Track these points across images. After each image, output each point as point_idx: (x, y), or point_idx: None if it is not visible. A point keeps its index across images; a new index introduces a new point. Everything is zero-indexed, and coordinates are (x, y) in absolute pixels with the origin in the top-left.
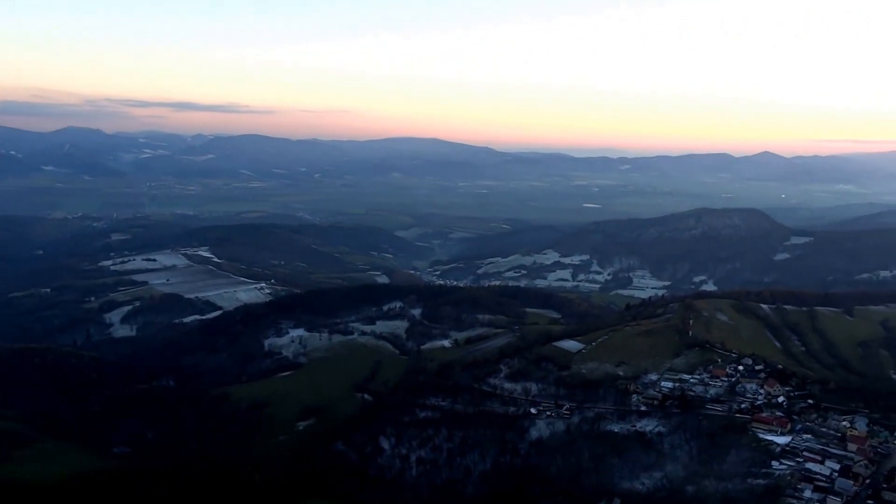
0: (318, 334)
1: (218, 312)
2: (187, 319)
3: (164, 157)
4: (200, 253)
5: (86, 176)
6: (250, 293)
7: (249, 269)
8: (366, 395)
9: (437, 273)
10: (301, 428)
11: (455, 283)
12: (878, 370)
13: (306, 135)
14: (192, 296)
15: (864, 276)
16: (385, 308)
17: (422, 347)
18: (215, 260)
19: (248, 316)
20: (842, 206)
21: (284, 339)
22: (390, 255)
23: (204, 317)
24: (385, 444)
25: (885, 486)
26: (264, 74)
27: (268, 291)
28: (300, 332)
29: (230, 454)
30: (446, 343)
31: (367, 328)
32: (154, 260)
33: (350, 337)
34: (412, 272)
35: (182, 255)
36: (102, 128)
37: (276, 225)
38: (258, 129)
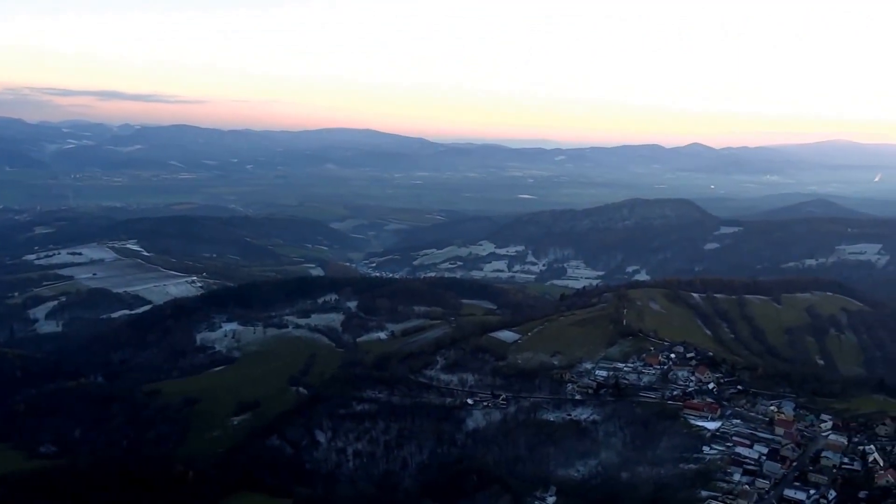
0: (251, 328)
1: (147, 307)
2: (115, 315)
3: (89, 147)
4: (128, 246)
5: (6, 167)
6: (181, 287)
7: (180, 263)
8: (301, 389)
9: (373, 265)
10: (235, 423)
11: (391, 274)
12: (804, 356)
13: (238, 125)
14: (120, 290)
15: (791, 264)
16: (320, 301)
17: (358, 340)
18: (144, 253)
19: (180, 310)
20: (769, 196)
21: (217, 334)
22: (325, 248)
23: (133, 312)
24: (321, 438)
25: (811, 468)
26: (194, 64)
27: (199, 285)
28: (233, 326)
29: (162, 451)
30: (382, 335)
31: (302, 321)
32: (80, 254)
33: (285, 330)
34: (347, 264)
35: (109, 248)
36: (24, 117)
37: (207, 217)
38: (188, 120)
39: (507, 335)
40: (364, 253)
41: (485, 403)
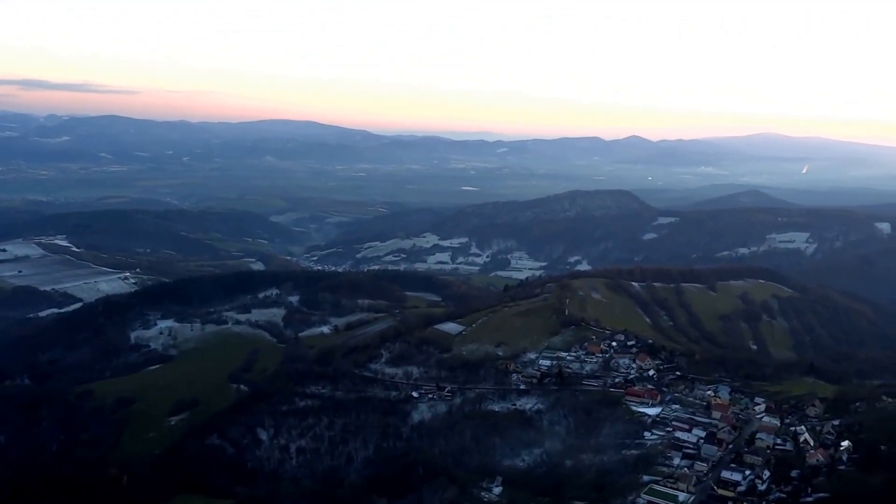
0: (189, 325)
1: (78, 305)
2: (43, 313)
3: (13, 138)
4: (57, 242)
5: None
6: (113, 284)
7: (112, 258)
8: (242, 386)
9: (315, 258)
10: (173, 423)
11: (334, 268)
12: (738, 341)
13: (173, 116)
14: (47, 288)
15: (725, 253)
16: (261, 296)
17: (300, 335)
18: (73, 249)
19: (112, 308)
20: (704, 187)
21: (153, 332)
22: (265, 241)
23: (62, 310)
24: (263, 436)
25: (746, 449)
26: (125, 53)
27: (133, 281)
28: (170, 323)
29: (95, 455)
30: (326, 329)
31: (242, 317)
32: (4, 250)
33: (224, 326)
34: (289, 258)
35: (36, 244)
36: None
37: (141, 211)
38: (119, 110)
39: (451, 327)
40: (306, 246)
41: (430, 396)
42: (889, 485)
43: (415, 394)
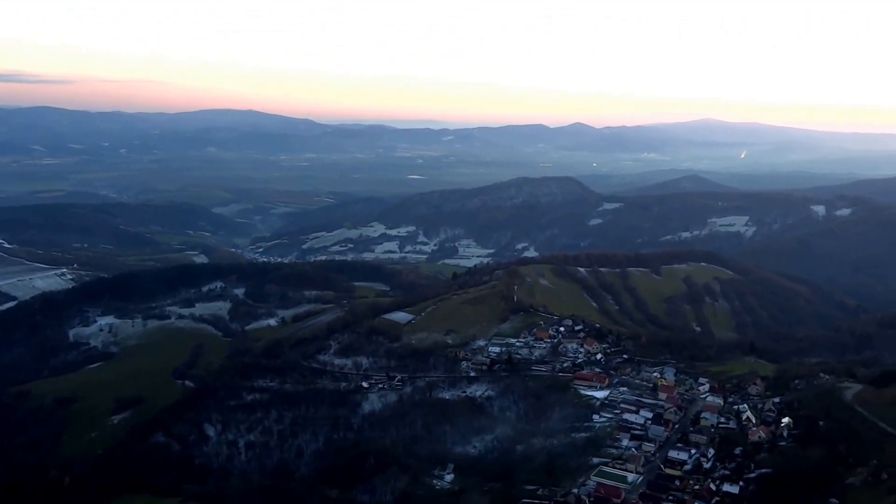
0: (130, 321)
1: (12, 303)
2: None
3: None
4: None
5: None
6: (49, 280)
7: (47, 254)
8: (187, 382)
9: (260, 250)
10: (116, 422)
11: (279, 259)
12: (682, 323)
13: (108, 106)
14: None
15: (668, 237)
16: (204, 289)
17: (246, 328)
18: (6, 245)
19: (49, 305)
20: (647, 172)
21: (92, 329)
22: (208, 234)
23: None
24: (210, 431)
25: (691, 429)
26: (57, 42)
27: (70, 277)
28: (110, 319)
29: (34, 457)
30: (273, 322)
31: (186, 311)
32: None
33: (167, 321)
34: (233, 250)
35: None
36: None
37: (77, 205)
38: (52, 101)
39: (400, 316)
40: (250, 238)
41: (380, 386)
42: (827, 458)
43: (365, 384)
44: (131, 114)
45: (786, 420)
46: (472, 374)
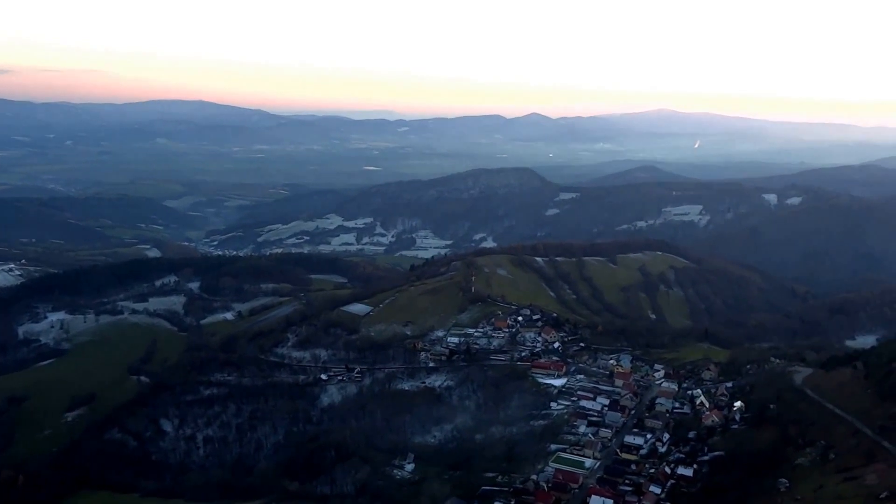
0: (82, 317)
1: None
2: None
3: None
4: None
5: None
6: None
7: None
8: (142, 378)
9: (215, 243)
10: (69, 419)
11: (234, 252)
12: (638, 311)
13: (53, 97)
14: None
15: (624, 226)
16: (158, 283)
17: (202, 322)
18: None
19: None
20: (602, 163)
21: (42, 325)
22: (160, 227)
23: None
24: (167, 427)
25: (647, 414)
26: None
27: (18, 273)
28: (61, 315)
29: None
30: (229, 316)
31: (139, 306)
32: None
33: (120, 317)
34: (186, 244)
35: None
36: None
37: (22, 199)
38: None
39: (358, 308)
40: (204, 231)
41: (339, 378)
42: (777, 440)
43: (323, 376)
44: (77, 105)
45: (738, 404)
46: (431, 364)
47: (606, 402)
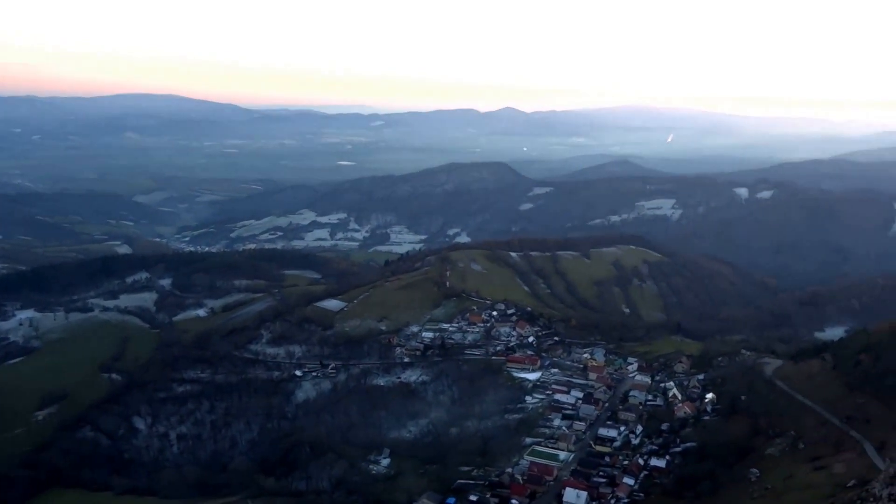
0: (51, 314)
1: None
2: None
3: None
4: None
5: None
6: None
7: None
8: (114, 375)
9: (187, 239)
10: (40, 418)
11: (207, 248)
12: (611, 305)
13: (18, 90)
14: None
15: (597, 221)
16: (129, 280)
17: (174, 319)
18: None
19: None
20: (576, 157)
21: (11, 323)
22: (131, 223)
23: None
24: (140, 425)
25: (620, 407)
26: None
27: None
28: (30, 313)
29: None
30: (201, 312)
31: (110, 303)
32: None
33: (90, 314)
34: (158, 240)
35: None
36: None
37: None
38: None
39: (332, 304)
40: (176, 227)
41: (314, 374)
42: (748, 431)
43: (298, 373)
44: (44, 99)
45: (710, 396)
46: (406, 359)
47: (580, 395)
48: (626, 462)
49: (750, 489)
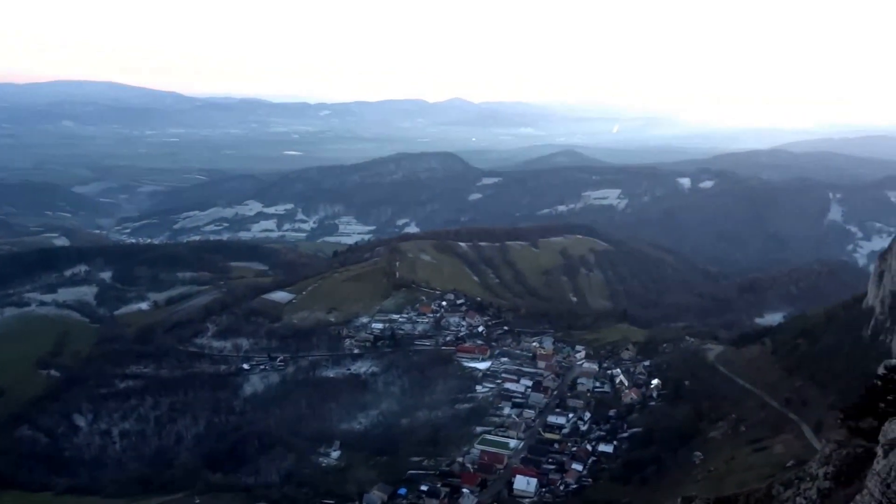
0: None
1: None
2: None
3: None
4: None
5: None
6: None
7: None
8: (53, 372)
9: (128, 231)
10: None
11: (149, 240)
12: (559, 294)
13: None
14: None
15: (545, 210)
16: (67, 273)
17: (116, 313)
18: None
19: None
20: (524, 147)
21: None
22: (69, 215)
23: None
24: (81, 422)
25: (569, 394)
26: None
27: None
28: None
29: None
30: (144, 306)
31: (48, 297)
32: None
33: (26, 309)
34: (97, 232)
35: None
36: None
37: None
38: None
39: (280, 296)
40: (116, 218)
41: (262, 367)
42: (692, 415)
43: (245, 366)
44: None
45: (655, 382)
46: (356, 351)
47: (530, 383)
48: (574, 448)
49: (694, 472)
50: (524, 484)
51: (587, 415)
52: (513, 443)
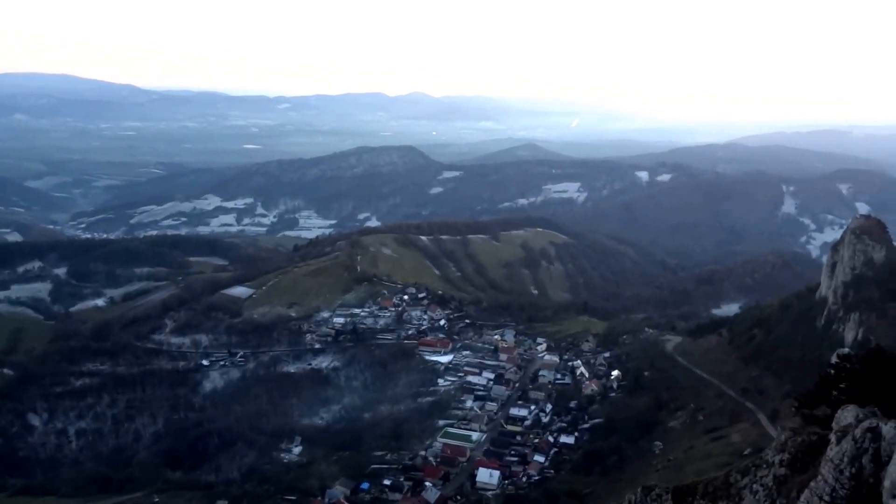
0: None
1: None
2: None
3: None
4: None
5: None
6: None
7: None
8: (5, 370)
9: (83, 226)
10: None
11: (105, 235)
12: (520, 287)
13: None
14: None
15: (506, 204)
16: (20, 270)
17: (71, 310)
18: None
19: None
20: (485, 141)
21: None
22: (21, 210)
23: None
24: (35, 421)
25: (531, 386)
26: None
27: None
28: None
29: None
30: (100, 302)
31: (0, 294)
32: None
33: None
34: (51, 227)
35: None
36: None
37: None
38: None
39: (240, 291)
40: (71, 213)
41: (222, 363)
42: (651, 405)
43: (205, 362)
44: None
45: (615, 373)
46: (318, 346)
47: (492, 376)
48: (536, 440)
49: (654, 461)
50: (487, 476)
51: (549, 406)
52: (475, 435)
